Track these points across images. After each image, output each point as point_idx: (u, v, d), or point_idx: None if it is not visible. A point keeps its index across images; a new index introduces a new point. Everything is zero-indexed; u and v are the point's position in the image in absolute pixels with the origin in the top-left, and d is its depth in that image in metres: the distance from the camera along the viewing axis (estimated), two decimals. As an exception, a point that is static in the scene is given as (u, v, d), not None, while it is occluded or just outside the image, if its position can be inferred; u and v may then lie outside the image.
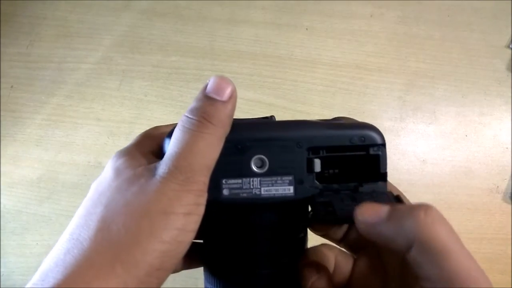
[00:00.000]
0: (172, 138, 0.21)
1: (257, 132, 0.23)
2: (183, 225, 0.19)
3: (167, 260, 0.19)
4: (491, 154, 0.64)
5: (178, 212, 0.19)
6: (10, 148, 0.65)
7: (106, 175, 0.22)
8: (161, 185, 0.19)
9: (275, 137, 0.23)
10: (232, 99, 0.22)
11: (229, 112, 0.22)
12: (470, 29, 0.69)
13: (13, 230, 0.62)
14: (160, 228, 0.18)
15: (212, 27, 0.69)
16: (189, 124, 0.21)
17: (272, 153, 0.23)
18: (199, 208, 0.20)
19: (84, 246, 0.18)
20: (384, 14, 0.70)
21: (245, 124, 0.24)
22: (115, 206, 0.19)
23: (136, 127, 0.65)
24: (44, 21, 0.70)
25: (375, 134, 0.23)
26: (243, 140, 0.23)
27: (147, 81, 0.67)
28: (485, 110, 0.66)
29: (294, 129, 0.23)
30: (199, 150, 0.20)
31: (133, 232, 0.18)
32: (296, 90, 0.66)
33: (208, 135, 0.20)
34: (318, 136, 0.23)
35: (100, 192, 0.21)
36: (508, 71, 0.67)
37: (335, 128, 0.23)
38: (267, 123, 0.25)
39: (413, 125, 0.65)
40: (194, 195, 0.20)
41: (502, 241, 0.61)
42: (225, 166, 0.22)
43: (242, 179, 0.22)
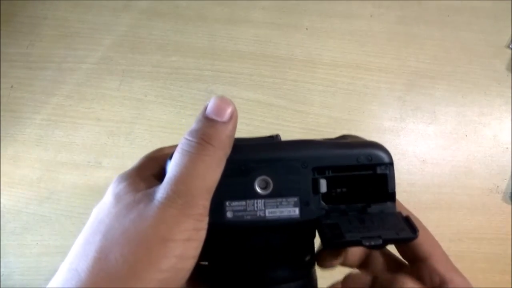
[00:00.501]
0: (171, 161, 0.20)
1: (261, 152, 0.22)
2: (182, 252, 0.19)
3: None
4: (491, 154, 0.64)
5: (177, 239, 0.19)
6: (10, 148, 0.65)
7: (106, 201, 0.21)
8: (159, 211, 0.19)
9: (279, 158, 0.22)
10: (232, 119, 0.21)
11: (230, 133, 0.21)
12: (470, 29, 0.69)
13: (13, 230, 0.62)
14: (159, 256, 0.18)
15: (212, 27, 0.69)
16: (188, 147, 0.20)
17: (277, 174, 0.22)
18: (199, 234, 0.20)
19: (82, 278, 0.18)
20: (384, 14, 0.70)
21: (248, 144, 0.23)
22: (113, 234, 0.19)
23: (136, 127, 0.65)
24: (44, 21, 0.70)
25: (382, 153, 0.23)
26: (246, 161, 0.22)
27: (147, 81, 0.67)
28: (485, 110, 0.66)
29: (299, 149, 0.23)
30: (199, 173, 0.20)
31: (130, 263, 0.18)
32: (296, 90, 0.66)
33: (207, 157, 0.20)
34: (323, 156, 0.22)
35: (99, 220, 0.20)
36: (508, 71, 0.67)
37: (341, 147, 0.23)
38: (271, 144, 0.24)
39: (413, 125, 0.65)
40: (194, 219, 0.19)
41: (502, 241, 0.61)
42: (228, 188, 0.22)
43: (246, 201, 0.22)
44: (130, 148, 0.64)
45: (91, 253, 0.19)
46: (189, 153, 0.20)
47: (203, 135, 0.20)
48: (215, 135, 0.20)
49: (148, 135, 0.65)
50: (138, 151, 0.64)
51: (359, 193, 0.23)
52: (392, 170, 0.23)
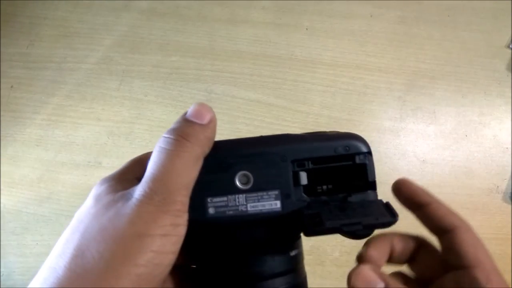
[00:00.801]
0: (150, 160, 0.21)
1: (240, 148, 0.23)
2: (160, 247, 0.19)
3: (144, 283, 0.18)
4: (491, 154, 0.64)
5: (154, 234, 0.19)
6: (10, 148, 0.65)
7: (87, 203, 0.21)
8: (136, 208, 0.19)
9: (259, 152, 0.22)
10: (211, 123, 0.22)
11: (208, 135, 0.21)
12: (470, 29, 0.69)
13: (13, 230, 0.62)
14: (134, 251, 0.18)
15: (212, 27, 0.69)
16: (165, 144, 0.20)
17: (256, 168, 0.22)
18: (177, 229, 0.20)
19: (59, 275, 0.18)
20: (384, 14, 0.70)
21: (227, 142, 0.23)
22: (90, 232, 0.19)
23: (136, 127, 0.65)
24: (44, 21, 0.70)
25: (359, 143, 0.23)
26: (226, 157, 0.22)
27: (147, 81, 0.67)
28: (485, 110, 0.66)
29: (277, 143, 0.23)
30: (176, 169, 0.20)
31: (106, 258, 0.18)
32: (296, 90, 0.66)
33: (185, 154, 0.20)
34: (302, 149, 0.23)
35: (79, 220, 0.20)
36: (508, 71, 0.67)
37: (319, 139, 0.23)
38: (249, 139, 0.24)
39: (413, 125, 0.65)
40: (172, 215, 0.19)
41: (502, 241, 0.61)
42: (209, 184, 0.22)
43: (228, 196, 0.22)
44: (130, 148, 0.64)
45: (69, 251, 0.19)
46: (166, 150, 0.20)
47: (181, 133, 0.21)
48: (193, 133, 0.21)
49: (148, 135, 0.65)
50: (138, 151, 0.64)
51: (340, 184, 0.23)
52: (371, 160, 0.23)
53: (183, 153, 0.20)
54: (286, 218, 0.23)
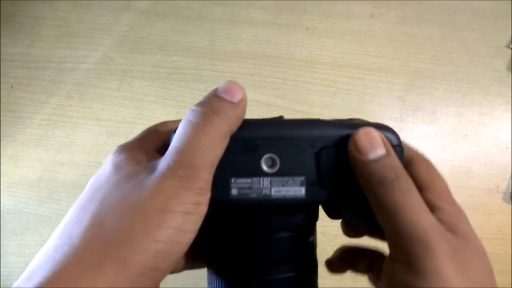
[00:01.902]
0: (176, 132, 0.20)
1: (269, 130, 0.22)
2: (181, 225, 0.18)
3: (162, 261, 0.18)
4: (491, 154, 0.64)
5: (176, 211, 0.18)
6: (10, 148, 0.65)
7: (104, 171, 0.21)
8: (159, 181, 0.18)
9: (288, 136, 0.22)
10: (242, 102, 0.21)
11: (238, 113, 0.21)
12: (470, 29, 0.69)
13: (13, 230, 0.62)
14: (155, 226, 0.18)
15: (212, 27, 0.69)
16: (193, 117, 0.20)
17: (284, 152, 0.21)
18: (199, 208, 0.19)
19: (75, 243, 0.18)
20: (384, 14, 0.70)
21: (256, 122, 0.22)
22: (109, 202, 0.19)
23: (136, 127, 0.65)
24: (44, 21, 0.70)
25: (391, 135, 0.22)
26: (253, 138, 0.21)
27: (147, 81, 0.67)
28: (485, 110, 0.66)
29: (307, 128, 0.22)
30: (201, 145, 0.19)
31: (125, 230, 0.17)
32: (296, 90, 0.66)
33: (212, 129, 0.19)
34: (332, 136, 0.22)
35: (96, 188, 0.20)
36: (508, 71, 0.67)
37: (350, 127, 0.22)
38: (279, 122, 0.23)
39: (413, 125, 0.65)
40: (194, 193, 0.19)
41: (502, 241, 0.61)
42: (234, 164, 0.21)
43: (252, 178, 0.21)
44: (130, 148, 0.64)
45: (86, 219, 0.18)
46: (194, 124, 0.19)
47: (210, 107, 0.20)
48: (222, 109, 0.20)
49: (148, 135, 0.65)
50: (138, 151, 0.64)
51: None
52: (401, 153, 0.22)
53: (211, 128, 0.19)
54: (309, 205, 0.22)
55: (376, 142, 0.21)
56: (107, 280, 0.17)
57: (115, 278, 0.17)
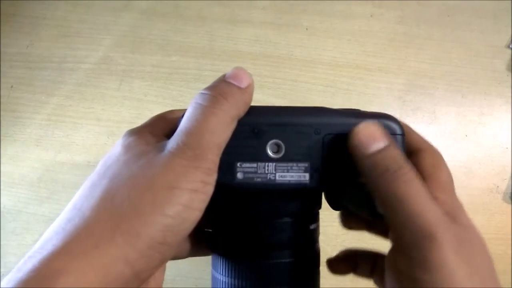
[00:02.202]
0: (185, 114, 0.21)
1: (274, 116, 0.23)
2: (188, 202, 0.19)
3: (170, 235, 0.19)
4: (491, 154, 0.64)
5: (184, 188, 0.19)
6: (10, 148, 0.65)
7: (115, 151, 0.21)
8: (168, 159, 0.19)
9: (293, 122, 0.22)
10: (249, 88, 0.22)
11: (245, 98, 0.22)
12: (470, 29, 0.69)
13: (13, 230, 0.62)
14: (164, 202, 0.18)
15: (212, 27, 0.69)
16: (202, 100, 0.20)
17: (289, 138, 0.22)
18: (206, 187, 0.20)
19: (86, 215, 0.18)
20: (384, 14, 0.70)
21: (262, 108, 0.24)
22: (120, 179, 0.19)
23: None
24: (44, 21, 0.70)
25: (394, 124, 0.23)
26: (259, 123, 0.22)
27: (147, 81, 0.67)
28: (485, 110, 0.66)
29: (312, 115, 0.23)
30: (210, 127, 0.20)
31: (136, 204, 0.18)
32: (296, 90, 0.66)
33: (220, 112, 0.20)
34: (336, 123, 0.22)
35: (107, 166, 0.21)
36: (508, 71, 0.67)
37: (354, 116, 0.23)
38: (284, 108, 0.24)
39: (413, 125, 0.65)
40: (202, 172, 0.19)
41: (502, 241, 0.61)
42: (240, 149, 0.22)
43: (257, 163, 0.22)
44: (130, 148, 0.64)
45: (97, 194, 0.19)
46: (202, 106, 0.20)
47: (219, 91, 0.21)
48: (230, 93, 0.21)
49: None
50: (138, 151, 0.64)
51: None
52: (403, 142, 0.23)
53: (220, 111, 0.20)
54: (312, 191, 0.23)
55: (377, 134, 0.21)
56: (118, 250, 0.17)
57: (126, 249, 0.17)
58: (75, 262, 0.17)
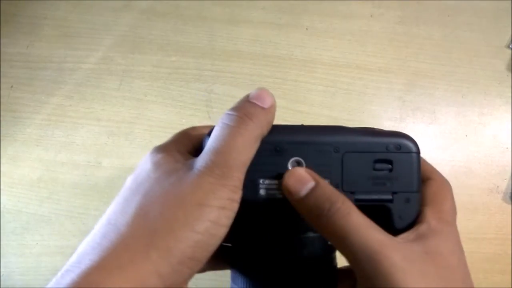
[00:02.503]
0: (212, 134, 0.22)
1: (295, 135, 0.24)
2: (217, 218, 0.20)
3: (199, 251, 0.19)
4: (491, 154, 0.64)
5: (213, 205, 0.19)
6: (10, 148, 0.65)
7: (145, 168, 0.22)
8: (197, 177, 0.20)
9: (313, 141, 0.23)
10: (272, 108, 0.23)
11: (269, 118, 0.22)
12: (470, 29, 0.69)
13: (13, 230, 0.62)
14: (194, 218, 0.19)
15: (212, 27, 0.69)
16: (229, 120, 0.21)
17: (309, 156, 0.23)
18: (233, 204, 0.21)
19: (121, 231, 0.19)
20: (384, 14, 0.70)
21: (283, 127, 0.24)
22: (153, 195, 0.20)
23: (136, 127, 0.65)
24: (44, 21, 0.70)
25: (410, 143, 0.24)
26: (281, 142, 0.23)
27: (147, 81, 0.67)
28: (485, 110, 0.66)
29: (332, 133, 0.24)
30: (237, 146, 0.21)
31: (169, 221, 0.19)
32: (296, 90, 0.66)
33: (246, 132, 0.21)
34: (355, 142, 0.23)
35: (138, 183, 0.21)
36: (508, 71, 0.67)
37: (372, 135, 0.24)
38: (304, 127, 0.25)
39: (413, 125, 0.65)
40: (229, 190, 0.20)
41: (502, 241, 0.61)
42: (263, 166, 0.23)
43: (279, 180, 0.23)
44: (130, 148, 0.64)
45: (131, 210, 0.20)
46: (229, 126, 0.21)
47: (245, 112, 0.22)
48: (255, 114, 0.22)
49: (148, 135, 0.65)
50: (138, 151, 0.64)
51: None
52: (419, 160, 0.24)
53: (245, 131, 0.21)
54: None
55: (303, 178, 0.22)
56: (152, 265, 0.18)
57: (159, 264, 0.18)
58: (112, 277, 0.18)
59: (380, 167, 0.23)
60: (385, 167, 0.23)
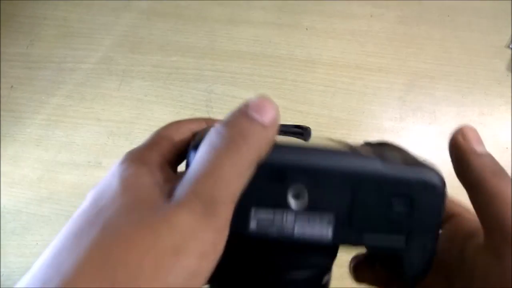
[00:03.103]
0: (196, 155, 0.17)
1: (299, 157, 0.19)
2: (195, 268, 0.16)
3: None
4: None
5: (191, 252, 0.16)
6: (10, 148, 0.65)
7: (111, 186, 0.17)
8: (174, 213, 0.16)
9: (320, 168, 0.19)
10: (274, 124, 0.18)
11: (269, 137, 0.18)
12: (470, 29, 0.69)
13: (13, 230, 0.62)
14: (167, 269, 0.15)
15: (212, 27, 0.69)
16: (218, 140, 0.17)
17: (314, 184, 0.19)
18: (217, 248, 0.16)
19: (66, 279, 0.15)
20: (384, 14, 0.70)
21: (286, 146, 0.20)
22: (115, 231, 0.16)
23: (136, 127, 0.65)
24: (44, 21, 0.70)
25: (435, 177, 0.21)
26: (282, 165, 0.19)
27: (147, 81, 0.67)
28: (485, 110, 0.66)
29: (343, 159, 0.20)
30: (225, 175, 0.16)
31: (133, 271, 0.15)
32: (296, 90, 0.66)
33: (238, 158, 0.16)
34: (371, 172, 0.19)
35: (100, 207, 0.17)
36: (508, 71, 0.67)
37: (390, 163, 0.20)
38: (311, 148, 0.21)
39: (413, 125, 0.65)
40: (213, 231, 0.16)
41: (502, 241, 0.61)
42: (256, 193, 0.18)
43: (275, 211, 0.19)
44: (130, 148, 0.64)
45: (83, 249, 0.15)
46: (217, 149, 0.17)
47: (239, 130, 0.17)
48: (252, 133, 0.17)
49: (148, 135, 0.65)
50: (138, 151, 0.64)
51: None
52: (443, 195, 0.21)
53: (237, 157, 0.17)
54: (334, 248, 0.21)
55: (479, 138, 0.22)
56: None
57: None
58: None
59: (397, 204, 0.19)
60: (403, 204, 0.20)
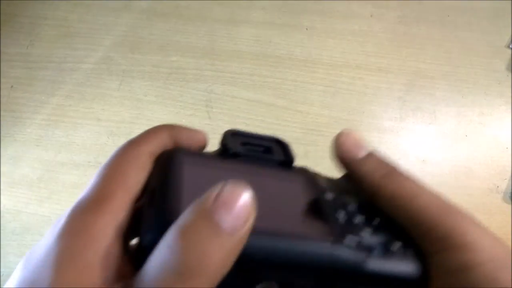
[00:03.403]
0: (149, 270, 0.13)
1: (272, 251, 0.15)
2: None
3: None
4: (491, 154, 0.64)
5: None
6: (10, 148, 0.65)
7: (46, 256, 0.13)
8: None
9: (294, 266, 0.16)
10: (245, 228, 0.13)
11: (237, 247, 0.13)
12: (470, 29, 0.69)
13: (13, 230, 0.62)
14: None
15: (212, 27, 0.69)
16: (171, 263, 0.12)
17: (285, 279, 0.16)
18: None
19: None
20: (384, 14, 0.70)
21: (258, 233, 0.15)
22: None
23: (136, 127, 0.65)
24: (44, 21, 0.70)
25: (415, 273, 0.19)
26: (249, 259, 0.15)
27: (147, 81, 0.67)
28: (485, 110, 0.66)
29: (317, 252, 0.16)
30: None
31: None
32: (296, 90, 0.66)
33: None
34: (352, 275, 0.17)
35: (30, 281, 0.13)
36: (508, 71, 0.67)
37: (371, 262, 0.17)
38: (282, 236, 0.16)
39: (413, 125, 0.65)
40: None
41: (502, 241, 0.61)
42: (221, 286, 0.14)
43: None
44: (130, 148, 0.64)
45: None
46: (170, 276, 0.12)
47: (196, 253, 0.12)
48: (213, 254, 0.12)
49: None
50: (138, 151, 0.64)
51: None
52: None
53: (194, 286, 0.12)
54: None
55: (357, 140, 0.21)
56: None
57: None
58: None
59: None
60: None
